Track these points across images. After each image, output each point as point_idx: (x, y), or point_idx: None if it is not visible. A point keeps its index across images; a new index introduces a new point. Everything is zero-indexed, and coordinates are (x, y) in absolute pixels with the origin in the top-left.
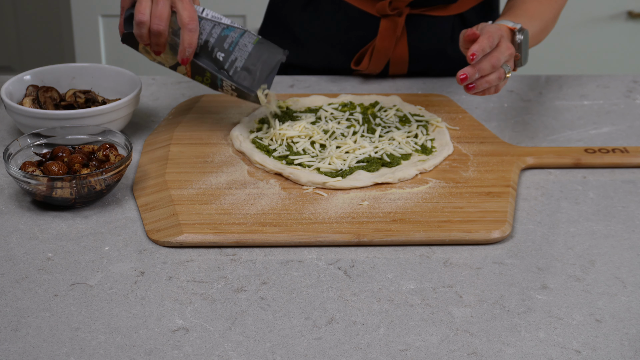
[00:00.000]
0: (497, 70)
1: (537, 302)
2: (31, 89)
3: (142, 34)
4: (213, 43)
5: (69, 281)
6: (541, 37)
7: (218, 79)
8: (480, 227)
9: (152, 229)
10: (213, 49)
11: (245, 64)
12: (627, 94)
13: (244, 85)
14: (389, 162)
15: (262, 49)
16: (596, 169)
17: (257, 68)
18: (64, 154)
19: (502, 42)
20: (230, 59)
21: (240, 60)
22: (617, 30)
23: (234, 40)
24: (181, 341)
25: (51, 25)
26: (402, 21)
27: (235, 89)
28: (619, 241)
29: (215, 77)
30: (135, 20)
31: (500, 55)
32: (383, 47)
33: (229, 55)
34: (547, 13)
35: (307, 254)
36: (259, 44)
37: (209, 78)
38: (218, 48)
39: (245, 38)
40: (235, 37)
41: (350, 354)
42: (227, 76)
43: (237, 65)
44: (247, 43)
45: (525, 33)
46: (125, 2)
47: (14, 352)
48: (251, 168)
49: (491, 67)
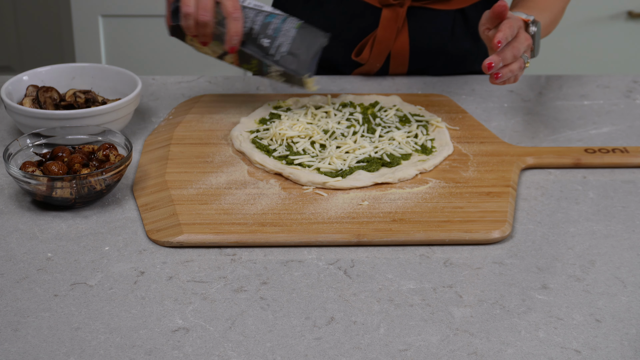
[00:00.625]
0: (517, 59)
1: (537, 302)
2: (31, 89)
3: (189, 26)
4: (257, 30)
5: (69, 281)
6: (550, 28)
7: (264, 65)
8: (480, 227)
9: (152, 229)
10: (258, 36)
11: (290, 49)
12: (627, 94)
13: (291, 68)
14: (389, 162)
15: (305, 33)
16: (596, 169)
17: (301, 51)
18: (64, 154)
19: (521, 33)
20: (275, 44)
21: (285, 45)
22: (617, 30)
23: (277, 26)
24: (181, 341)
25: (51, 25)
26: (403, 12)
27: (282, 74)
28: (619, 241)
29: (262, 63)
30: (181, 12)
31: (520, 45)
32: (384, 38)
33: (274, 41)
34: (556, 5)
35: (307, 254)
36: (301, 29)
37: (255, 65)
38: (263, 35)
39: (288, 23)
40: (277, 23)
41: (350, 354)
42: (274, 61)
43: (283, 50)
44: (290, 28)
45: (538, 25)
46: None
47: (14, 352)
48: (251, 168)
49: (512, 57)
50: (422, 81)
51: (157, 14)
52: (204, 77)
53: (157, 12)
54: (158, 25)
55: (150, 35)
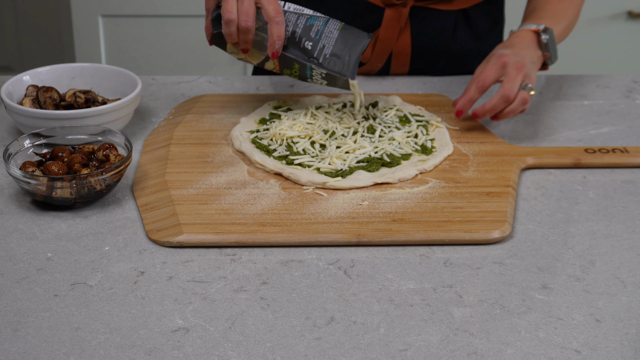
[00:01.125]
0: (515, 98)
1: (537, 302)
2: (31, 89)
3: (230, 32)
4: (300, 33)
5: (69, 281)
6: (566, 34)
7: (307, 69)
8: (480, 227)
9: (152, 229)
10: (301, 39)
11: (333, 50)
12: (627, 94)
13: (335, 70)
14: (389, 162)
15: (348, 34)
16: (596, 169)
17: (345, 53)
18: (64, 154)
19: (508, 69)
20: (319, 46)
21: (329, 47)
22: (617, 30)
23: (319, 28)
24: (181, 341)
25: (51, 25)
26: (406, 12)
27: (325, 76)
28: (619, 241)
29: (305, 67)
30: (223, 19)
31: (512, 85)
32: (386, 38)
33: (317, 44)
34: (570, 10)
35: (307, 254)
36: (343, 30)
37: (297, 70)
38: (305, 37)
39: (330, 25)
40: (320, 25)
41: (350, 354)
42: (318, 64)
43: (326, 52)
44: (332, 30)
45: (550, 32)
46: (210, 4)
47: (14, 352)
48: (251, 168)
49: (504, 102)
50: (422, 81)
51: (157, 14)
52: (204, 77)
53: (157, 12)
54: (158, 25)
55: (150, 35)
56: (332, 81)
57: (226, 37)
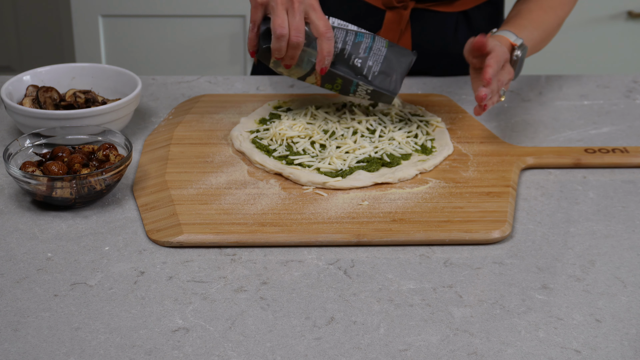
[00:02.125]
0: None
1: (537, 302)
2: (31, 89)
3: (280, 47)
4: (349, 50)
5: (69, 281)
6: (541, 46)
7: (353, 85)
8: (480, 227)
9: (152, 229)
10: (350, 56)
11: (382, 68)
12: (627, 94)
13: (383, 87)
14: (389, 162)
15: (394, 52)
16: (596, 169)
17: (393, 71)
18: (64, 154)
19: (506, 66)
20: (367, 64)
21: (377, 64)
22: (617, 30)
23: (368, 45)
24: (181, 341)
25: (51, 25)
26: (407, 14)
27: (370, 92)
28: (619, 241)
29: (350, 82)
30: (275, 34)
31: (504, 78)
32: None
33: (366, 61)
34: (551, 22)
35: (307, 254)
36: (390, 47)
37: (339, 85)
38: (355, 55)
39: (378, 42)
40: (368, 42)
41: (350, 354)
42: (367, 81)
43: (374, 69)
44: (380, 47)
45: (524, 49)
46: (255, 17)
47: (14, 352)
48: (251, 168)
49: (497, 89)
50: (422, 81)
51: (157, 14)
52: (204, 77)
53: (157, 12)
54: (158, 25)
55: (150, 35)
56: (376, 97)
57: (273, 52)
